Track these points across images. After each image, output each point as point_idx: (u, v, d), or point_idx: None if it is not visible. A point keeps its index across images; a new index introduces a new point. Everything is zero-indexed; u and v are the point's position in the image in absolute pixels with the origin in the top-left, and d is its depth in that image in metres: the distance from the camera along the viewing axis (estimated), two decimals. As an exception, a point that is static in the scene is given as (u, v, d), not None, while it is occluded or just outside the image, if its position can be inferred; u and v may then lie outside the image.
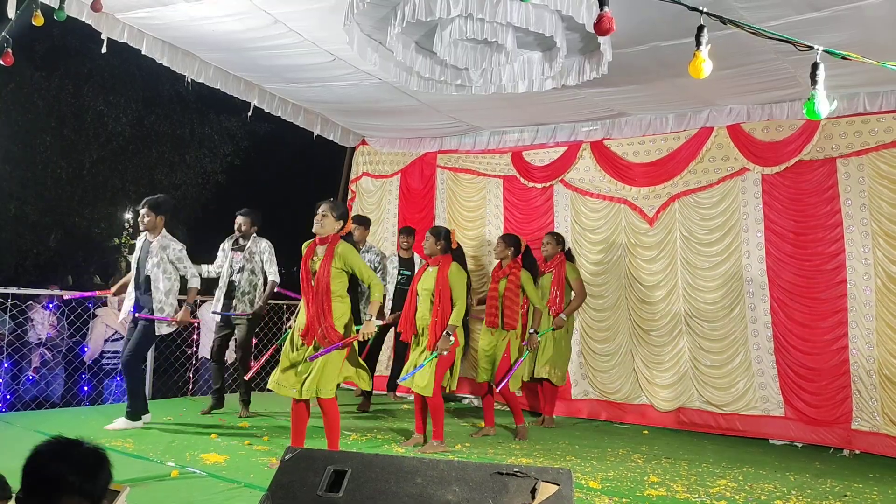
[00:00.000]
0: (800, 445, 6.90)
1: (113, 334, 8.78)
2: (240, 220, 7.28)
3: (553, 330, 7.28)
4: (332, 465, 2.90)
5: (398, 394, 8.51)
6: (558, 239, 7.60)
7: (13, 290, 7.37)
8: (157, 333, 6.43)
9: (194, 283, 6.49)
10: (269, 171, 19.09)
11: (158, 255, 6.34)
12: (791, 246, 7.05)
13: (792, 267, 7.03)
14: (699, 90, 6.71)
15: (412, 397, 7.38)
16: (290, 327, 5.64)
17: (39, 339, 8.33)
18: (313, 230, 5.29)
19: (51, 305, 8.51)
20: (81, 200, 15.52)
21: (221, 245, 7.38)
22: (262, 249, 7.22)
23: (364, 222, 8.18)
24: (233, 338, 7.34)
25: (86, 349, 8.47)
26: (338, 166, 10.26)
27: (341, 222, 5.30)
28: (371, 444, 6.16)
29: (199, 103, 16.04)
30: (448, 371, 6.05)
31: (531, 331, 6.88)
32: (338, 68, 6.93)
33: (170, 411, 7.09)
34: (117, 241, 18.45)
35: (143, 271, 6.39)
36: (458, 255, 6.23)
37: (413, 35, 5.75)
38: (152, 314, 6.28)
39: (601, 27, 2.83)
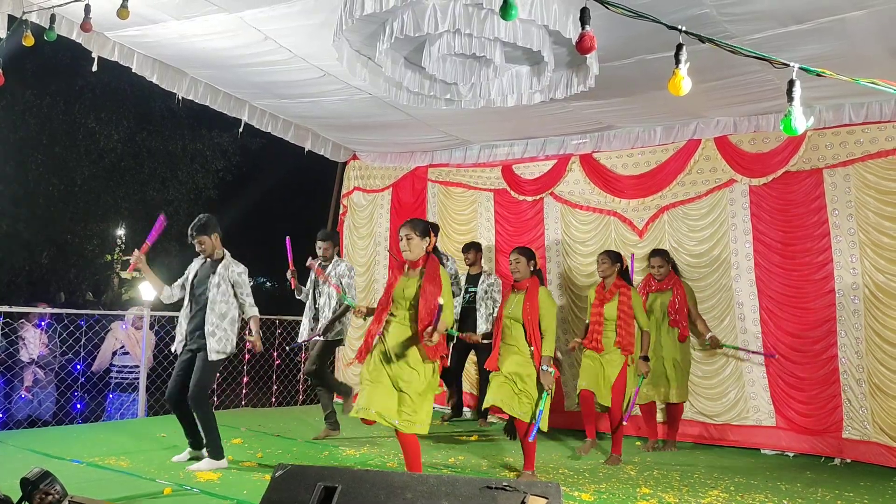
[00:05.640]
0: (791, 455, 6.92)
1: (121, 348, 8.82)
2: (322, 244, 7.13)
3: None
4: (322, 482, 2.91)
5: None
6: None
7: (5, 308, 7.35)
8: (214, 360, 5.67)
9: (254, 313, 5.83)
10: (261, 186, 19.12)
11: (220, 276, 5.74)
12: (779, 256, 7.10)
13: (781, 277, 7.08)
14: (686, 103, 6.75)
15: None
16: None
17: (31, 357, 8.32)
18: (405, 258, 4.99)
19: (42, 324, 8.51)
20: (73, 217, 15.51)
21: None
22: (342, 272, 6.99)
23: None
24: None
25: (78, 366, 8.47)
26: (329, 181, 10.29)
27: (427, 238, 4.98)
28: (364, 459, 6.17)
29: (190, 119, 16.09)
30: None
31: (642, 356, 6.48)
32: (328, 84, 6.97)
33: (163, 429, 7.08)
34: (109, 257, 18.43)
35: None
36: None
37: (402, 50, 5.79)
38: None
39: (583, 46, 2.87)
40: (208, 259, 5.83)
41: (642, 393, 6.89)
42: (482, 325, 7.77)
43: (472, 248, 8.15)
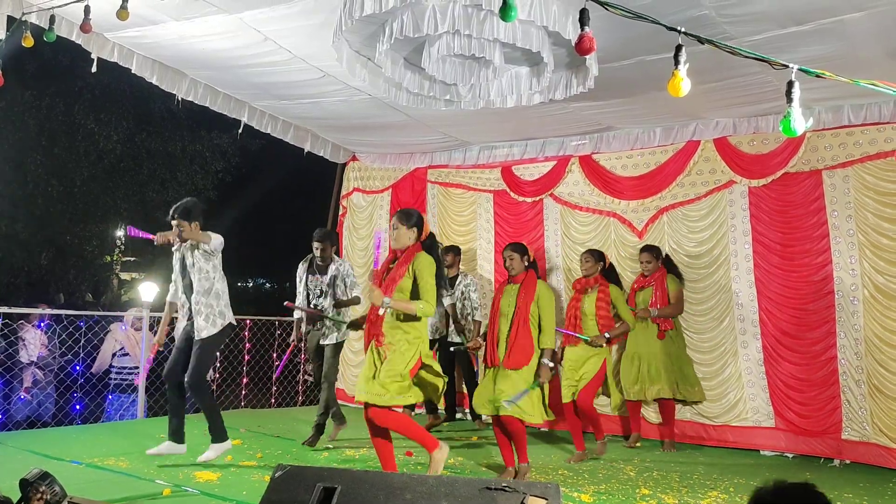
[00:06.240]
0: (791, 456, 6.92)
1: (120, 349, 8.82)
2: (319, 245, 6.93)
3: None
4: (321, 483, 2.91)
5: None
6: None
7: (4, 309, 7.35)
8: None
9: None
10: (261, 187, 19.13)
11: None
12: (778, 257, 7.10)
13: (780, 278, 7.08)
14: (685, 104, 6.74)
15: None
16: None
17: (31, 359, 8.32)
18: (391, 246, 5.10)
19: (42, 325, 8.51)
20: (73, 218, 15.51)
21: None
22: (346, 272, 6.88)
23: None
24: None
25: (77, 367, 8.47)
26: (329, 182, 10.29)
27: (415, 229, 5.01)
28: (364, 460, 6.17)
29: (190, 120, 16.09)
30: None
31: (605, 334, 6.60)
32: (327, 84, 6.97)
33: (163, 429, 7.06)
34: (109, 258, 18.42)
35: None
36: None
37: (402, 51, 5.79)
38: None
39: (582, 47, 2.87)
40: (183, 245, 5.80)
41: (627, 391, 7.19)
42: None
43: (451, 252, 8.18)
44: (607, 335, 6.64)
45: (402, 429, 4.96)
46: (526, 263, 5.86)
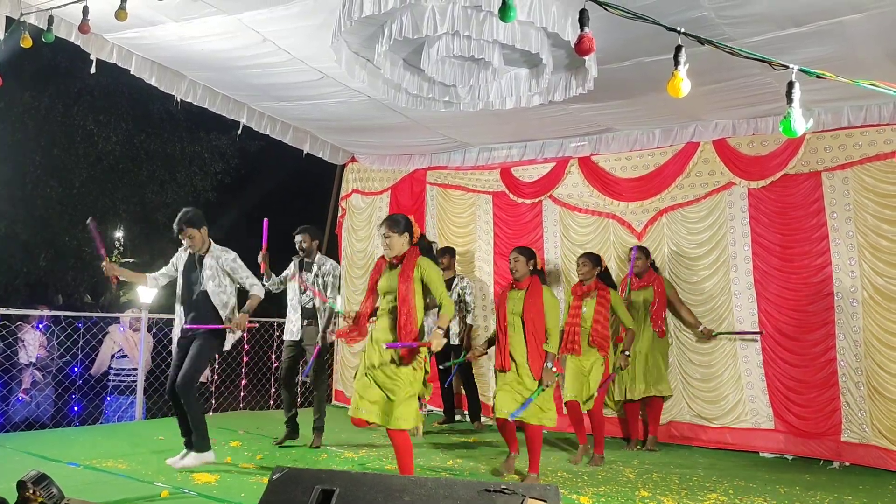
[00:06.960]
0: (790, 458, 6.91)
1: (119, 350, 8.81)
2: (299, 237, 6.90)
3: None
4: (320, 485, 2.90)
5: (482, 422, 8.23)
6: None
7: (3, 310, 7.33)
8: (223, 348, 5.86)
9: (257, 292, 5.85)
10: (260, 188, 19.09)
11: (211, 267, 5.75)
12: (778, 259, 7.09)
13: (779, 280, 7.07)
14: (685, 105, 6.75)
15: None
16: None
17: (30, 360, 8.30)
18: (385, 255, 5.01)
19: (41, 326, 8.49)
20: (72, 220, 15.47)
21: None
22: (327, 271, 6.82)
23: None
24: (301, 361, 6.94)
25: (76, 369, 8.46)
26: (328, 183, 10.29)
27: (407, 234, 4.96)
28: (362, 461, 6.16)
29: (189, 122, 16.06)
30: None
31: (624, 352, 6.72)
32: (326, 86, 6.96)
33: (162, 431, 7.06)
34: (108, 260, 18.38)
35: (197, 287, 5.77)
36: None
37: (401, 52, 5.79)
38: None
39: (581, 47, 2.87)
40: (195, 252, 5.79)
41: (618, 390, 7.22)
42: (454, 326, 8.02)
43: (447, 254, 8.18)
44: (626, 354, 6.76)
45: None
46: (531, 268, 5.80)
